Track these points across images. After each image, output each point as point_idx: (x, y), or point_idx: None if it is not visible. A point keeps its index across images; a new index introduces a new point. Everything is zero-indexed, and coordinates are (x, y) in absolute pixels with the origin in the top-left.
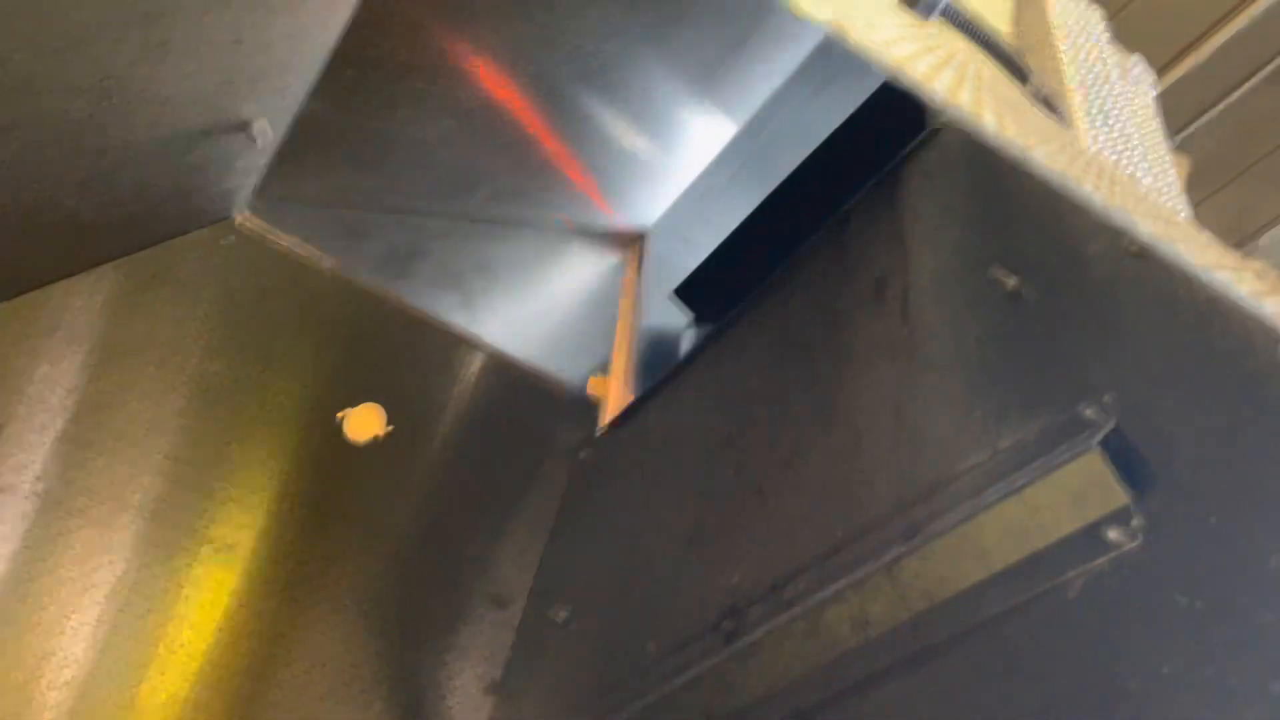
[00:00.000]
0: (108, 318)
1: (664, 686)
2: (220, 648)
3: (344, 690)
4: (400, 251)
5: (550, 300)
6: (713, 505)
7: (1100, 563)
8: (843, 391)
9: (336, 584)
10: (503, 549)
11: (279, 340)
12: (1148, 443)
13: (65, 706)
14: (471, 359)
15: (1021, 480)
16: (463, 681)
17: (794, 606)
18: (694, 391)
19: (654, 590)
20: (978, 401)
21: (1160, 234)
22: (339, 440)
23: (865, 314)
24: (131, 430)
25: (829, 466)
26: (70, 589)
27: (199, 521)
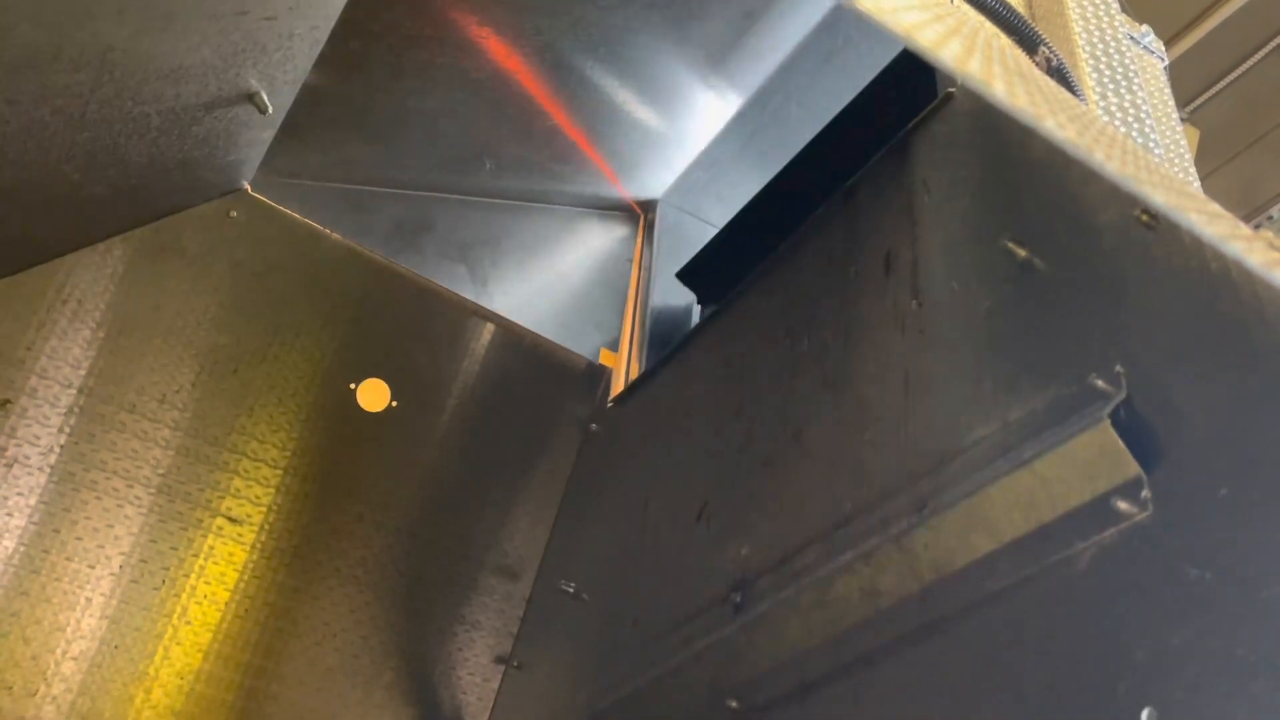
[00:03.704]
0: (116, 291)
1: (673, 658)
2: (231, 620)
3: (354, 662)
4: (407, 225)
5: (559, 272)
6: (722, 477)
7: (1110, 534)
8: (852, 364)
9: (345, 556)
10: (512, 521)
11: (287, 313)
12: (1158, 414)
13: (77, 679)
14: (480, 331)
15: (1031, 452)
16: (473, 652)
17: (803, 578)
18: (703, 364)
19: (663, 562)
20: (987, 373)
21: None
22: (348, 413)
23: (874, 287)
24: (141, 403)
25: (838, 439)
26: (82, 562)
27: (209, 495)
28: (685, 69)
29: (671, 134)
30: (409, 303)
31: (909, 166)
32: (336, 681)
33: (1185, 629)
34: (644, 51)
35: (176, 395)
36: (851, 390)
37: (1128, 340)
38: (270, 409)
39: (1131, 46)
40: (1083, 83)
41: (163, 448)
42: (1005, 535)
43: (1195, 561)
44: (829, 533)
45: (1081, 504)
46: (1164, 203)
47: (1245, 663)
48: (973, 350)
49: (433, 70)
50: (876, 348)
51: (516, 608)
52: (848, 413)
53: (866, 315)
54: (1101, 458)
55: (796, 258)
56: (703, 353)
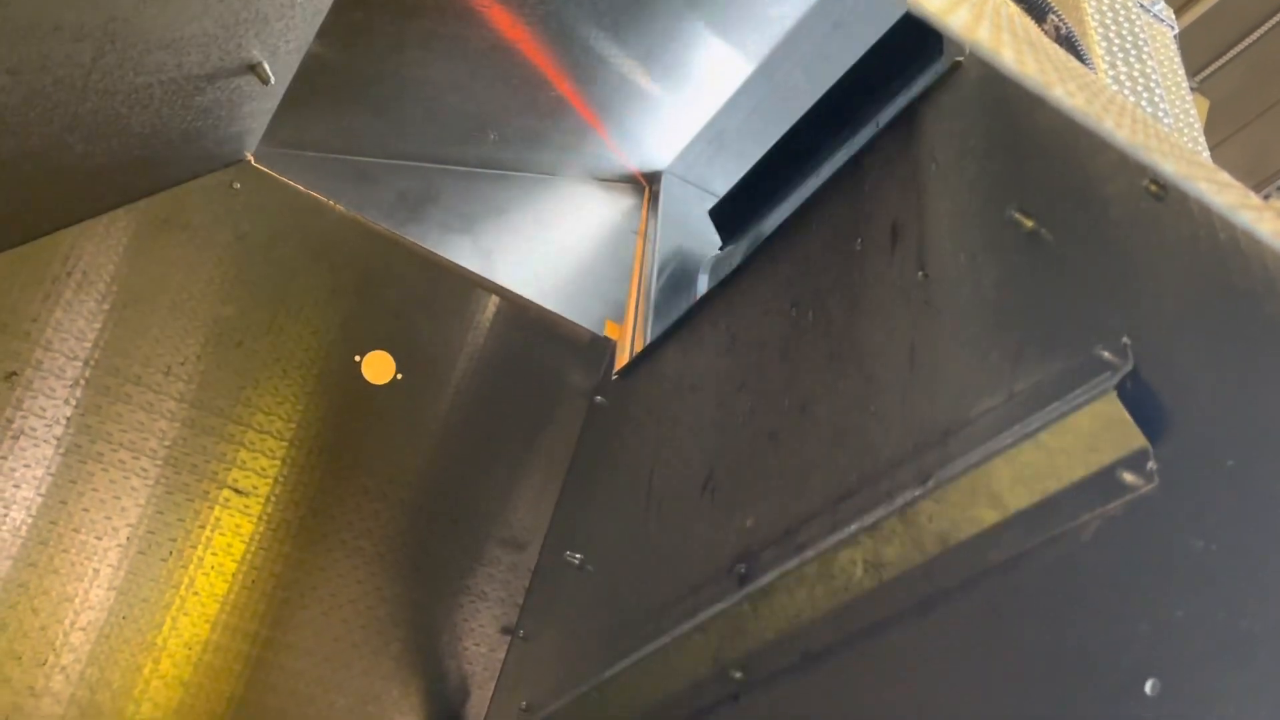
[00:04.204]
0: (120, 263)
1: (677, 628)
2: (237, 591)
3: (360, 632)
4: (411, 196)
5: (563, 245)
6: (726, 450)
7: (1115, 506)
8: (857, 336)
9: (352, 528)
10: (518, 493)
11: (292, 285)
12: (1165, 385)
13: (85, 649)
14: (485, 304)
15: (1037, 423)
16: (479, 623)
17: (807, 550)
18: (708, 336)
19: (668, 534)
20: (993, 345)
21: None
22: (354, 385)
23: (880, 258)
24: (147, 375)
25: (843, 411)
26: (89, 534)
27: (215, 467)
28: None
29: (677, 105)
30: (413, 275)
31: (916, 137)
32: (343, 652)
33: (1190, 601)
34: (649, 22)
35: (182, 367)
36: (856, 362)
37: (1135, 311)
38: (275, 381)
39: (1141, 14)
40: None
41: (168, 420)
42: (1010, 507)
43: (1200, 533)
44: (833, 505)
45: (1087, 476)
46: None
47: (1250, 634)
48: (979, 322)
49: (436, 40)
50: (882, 320)
51: (522, 578)
52: (853, 385)
53: (872, 287)
54: (1107, 429)
55: (802, 229)
56: (708, 325)
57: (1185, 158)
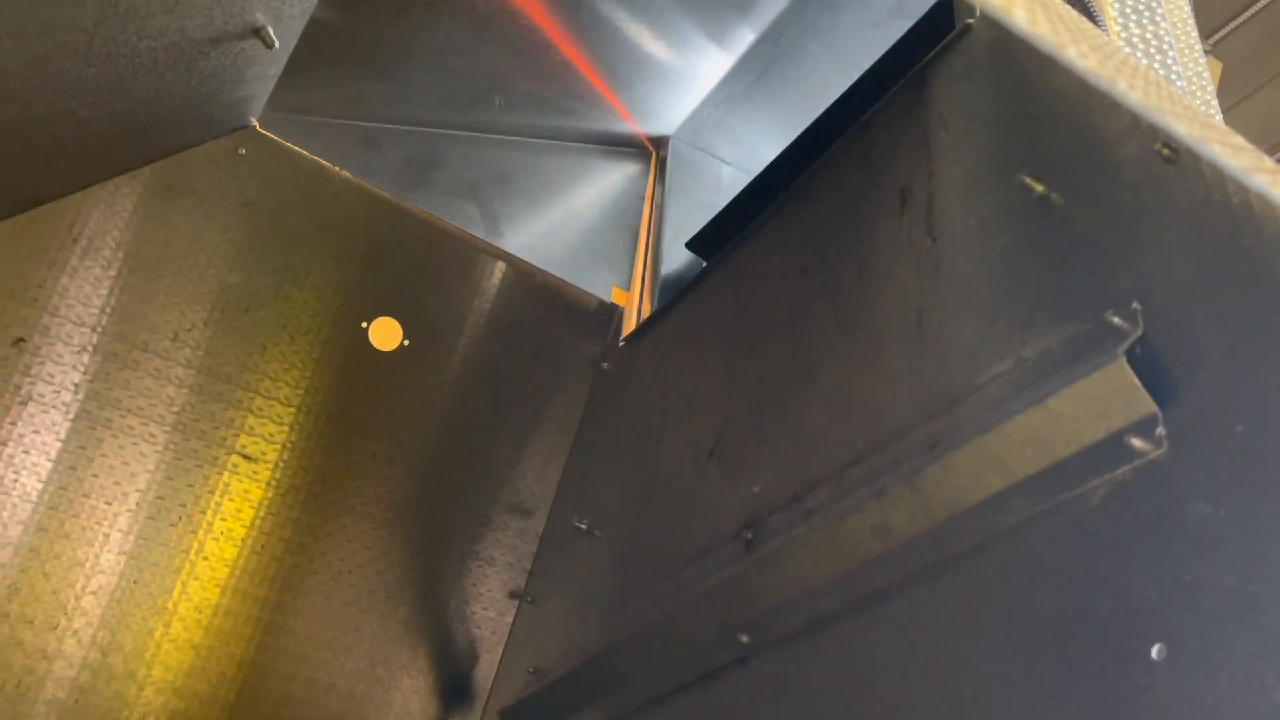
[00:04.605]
0: (125, 229)
1: (684, 593)
2: (247, 556)
3: (369, 596)
4: (416, 162)
5: (570, 210)
6: (734, 416)
7: (1123, 472)
8: (865, 302)
9: (360, 494)
10: (525, 459)
11: (298, 252)
12: (1175, 351)
13: (96, 613)
14: (491, 270)
15: (1045, 389)
16: (487, 588)
17: (814, 516)
18: (715, 303)
19: (675, 499)
20: (1002, 311)
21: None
22: (361, 352)
23: (889, 223)
24: (155, 342)
25: (850, 377)
26: (99, 499)
27: (224, 433)
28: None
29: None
30: (419, 241)
31: (925, 100)
32: (352, 616)
33: (1198, 566)
34: None
35: (189, 334)
36: (864, 328)
37: (1145, 276)
38: (283, 348)
39: None
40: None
41: (176, 386)
42: (1017, 473)
43: (1209, 499)
44: (840, 471)
45: (1095, 441)
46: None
47: (1258, 599)
48: (987, 287)
49: (441, 3)
50: (890, 285)
51: (530, 544)
52: (860, 351)
53: (880, 252)
54: (1116, 395)
55: (810, 195)
56: (715, 291)
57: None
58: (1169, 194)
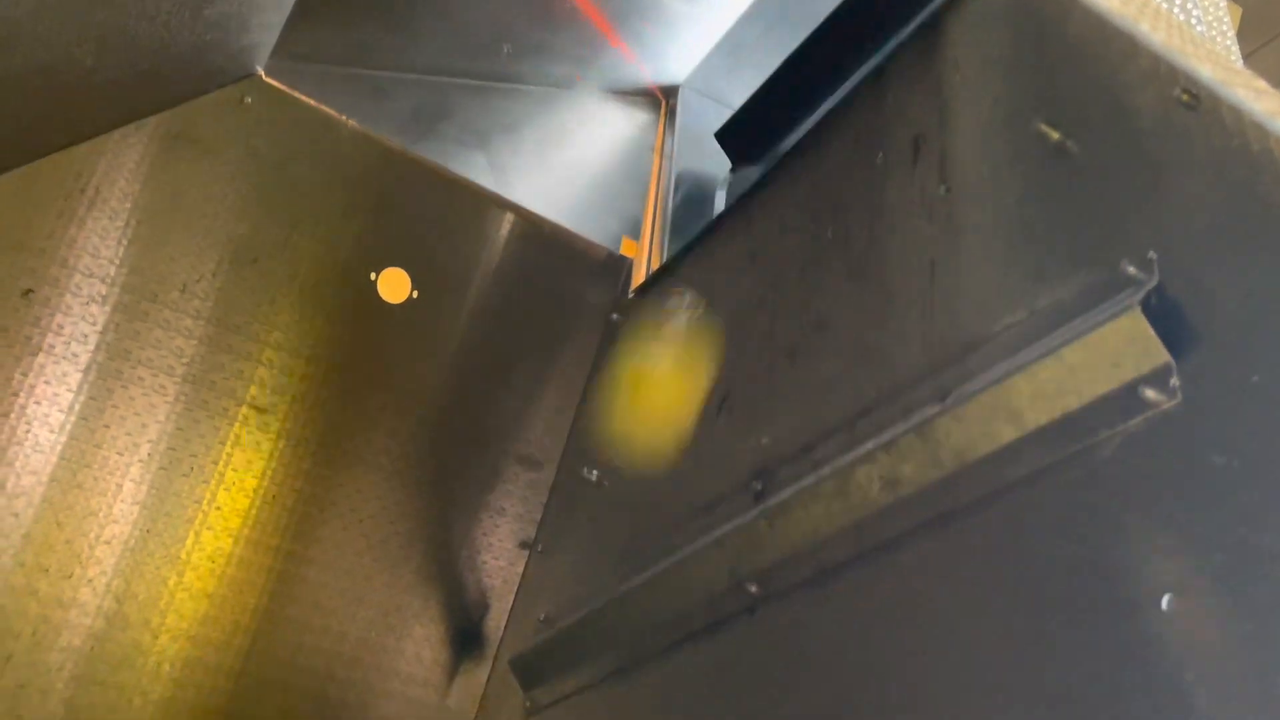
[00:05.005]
0: (132, 179)
1: (693, 544)
2: (259, 507)
3: (381, 546)
4: (424, 111)
5: (579, 160)
6: (744, 367)
7: (1136, 423)
8: (877, 252)
9: (371, 445)
10: (535, 410)
11: (305, 202)
12: (1191, 301)
13: (110, 562)
14: (500, 221)
15: (1059, 340)
16: (498, 537)
17: (824, 467)
18: (725, 254)
19: (684, 451)
20: (1016, 260)
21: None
22: (370, 303)
23: (902, 172)
24: (163, 293)
25: (862, 328)
26: (110, 449)
27: (234, 384)
28: None
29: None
30: (428, 192)
31: (940, 46)
32: (364, 565)
33: (1210, 517)
34: None
35: (198, 285)
36: (876, 279)
37: (1162, 225)
38: (292, 299)
39: None
40: None
41: (185, 337)
42: (1029, 424)
43: (1222, 449)
44: (850, 422)
45: (1109, 392)
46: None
47: (1270, 551)
48: (1001, 237)
49: None
50: (902, 235)
51: (540, 494)
52: (872, 302)
53: (893, 202)
54: (1130, 345)
55: (821, 144)
56: (725, 242)
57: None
58: (1188, 141)
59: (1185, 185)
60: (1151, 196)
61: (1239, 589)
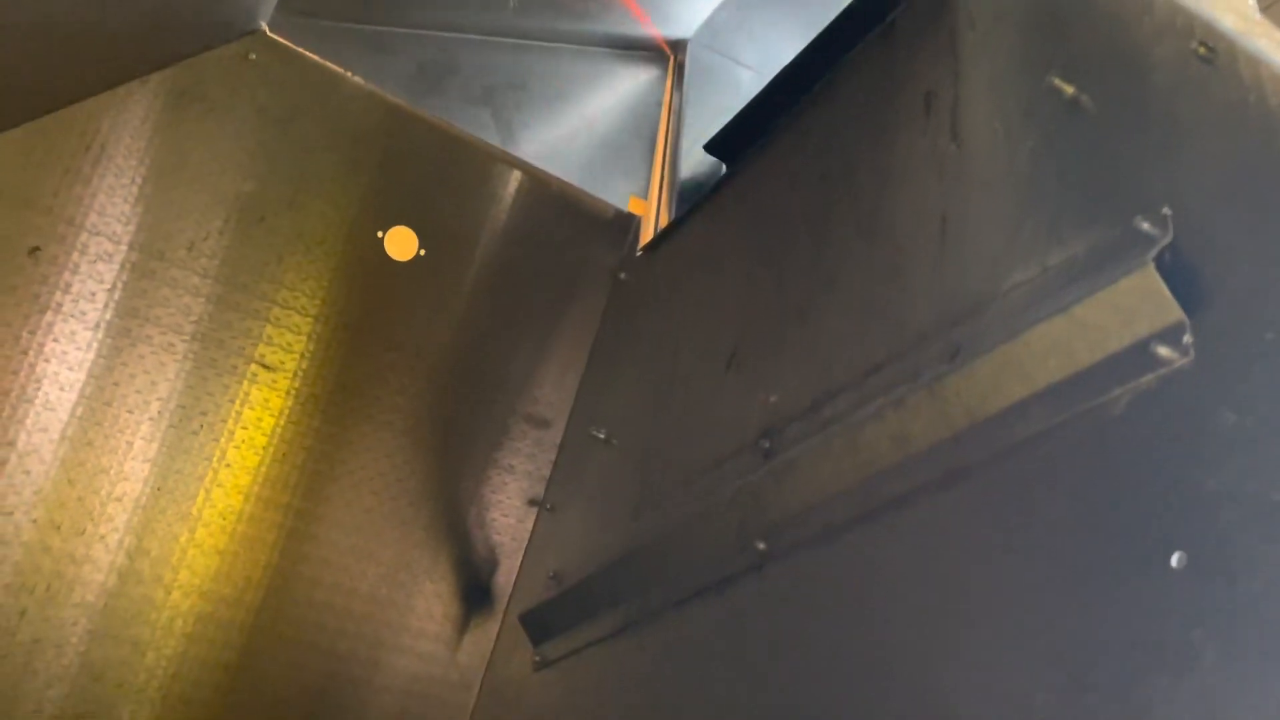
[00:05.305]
0: (138, 136)
1: (702, 501)
2: (269, 464)
3: (391, 503)
4: (430, 68)
5: (586, 117)
6: (751, 325)
7: (1148, 380)
8: (887, 209)
9: (380, 403)
10: (543, 369)
11: (311, 159)
12: (1205, 257)
13: (122, 519)
14: (507, 179)
15: (1070, 297)
16: (507, 495)
17: (833, 425)
18: (734, 211)
19: (692, 409)
20: (1028, 217)
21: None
22: (377, 261)
23: (913, 128)
24: (171, 251)
25: (871, 285)
26: (120, 407)
27: (242, 342)
28: None
29: None
30: (434, 149)
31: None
32: (374, 522)
33: (1221, 474)
34: None
35: (205, 243)
36: (886, 236)
37: (1177, 181)
38: (299, 257)
39: None
40: None
41: (193, 295)
42: (1040, 382)
43: (1234, 406)
44: (859, 380)
45: (1120, 350)
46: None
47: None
48: (1013, 193)
49: None
50: (913, 192)
51: (548, 452)
52: (882, 259)
53: (904, 158)
54: (1143, 303)
55: (832, 100)
56: (734, 200)
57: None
58: (1204, 95)
59: (1201, 140)
60: (1166, 151)
61: (1250, 546)
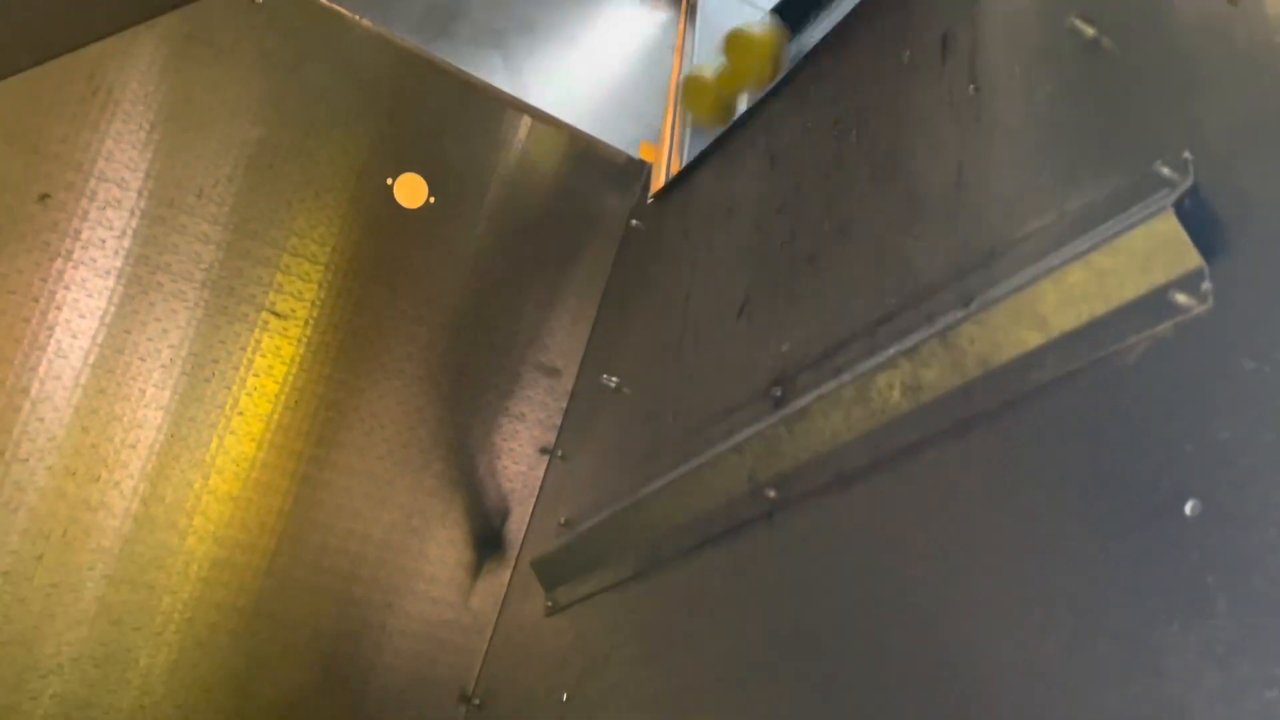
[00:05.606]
0: (144, 81)
1: (712, 449)
2: (281, 412)
3: (403, 451)
4: (438, 10)
5: (597, 61)
6: (763, 273)
7: (1164, 328)
8: (902, 155)
9: (391, 351)
10: (554, 317)
11: (319, 105)
12: (1225, 203)
13: (136, 465)
14: (517, 125)
15: (1087, 244)
16: (518, 443)
17: (844, 373)
18: (747, 157)
19: (704, 358)
20: (1046, 162)
21: None
22: (387, 208)
23: (929, 72)
24: (180, 198)
25: (885, 233)
26: (132, 355)
27: (252, 290)
28: None
29: None
30: (443, 95)
31: None
32: (387, 470)
33: (1237, 422)
34: None
35: (214, 189)
36: (900, 182)
37: (1198, 125)
38: (308, 204)
39: None
40: None
41: (203, 242)
42: (1054, 329)
43: (1252, 354)
44: (872, 328)
45: (1137, 297)
46: None
47: None
48: (1031, 138)
49: None
50: (929, 137)
51: (559, 401)
52: (896, 205)
53: (919, 103)
54: (1162, 249)
55: (847, 43)
56: (746, 146)
57: None
58: (1228, 37)
59: (1224, 82)
60: (1188, 94)
61: (1265, 493)
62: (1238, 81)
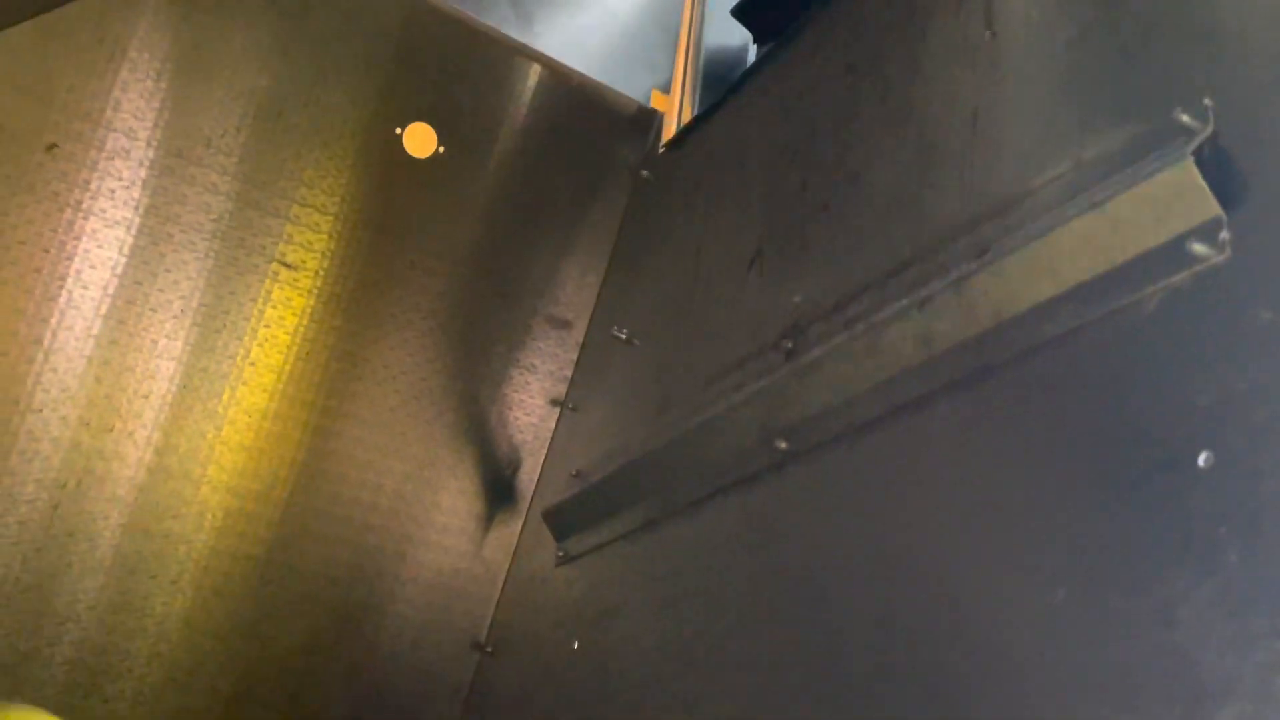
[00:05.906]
0: (150, 29)
1: (723, 401)
2: (293, 363)
3: (414, 403)
4: None
5: (608, 9)
6: (776, 223)
7: (1181, 278)
8: (916, 102)
9: (401, 302)
10: (564, 269)
11: (327, 53)
12: (1245, 151)
13: (149, 416)
14: (526, 73)
15: (1104, 193)
16: (529, 394)
17: (856, 324)
18: (759, 105)
19: (715, 309)
20: (1062, 110)
21: None
22: (396, 158)
23: (944, 16)
24: (188, 148)
25: (898, 181)
26: (143, 306)
27: (263, 240)
28: None
29: None
30: (452, 42)
31: None
32: (398, 420)
33: (1254, 372)
34: None
35: (223, 139)
36: (914, 130)
37: (1220, 70)
38: (317, 154)
39: None
40: None
41: (213, 193)
42: (1069, 280)
43: (1270, 305)
44: (884, 279)
45: (1154, 247)
46: None
47: None
48: (1048, 85)
49: None
50: (944, 84)
51: (570, 352)
52: (909, 154)
53: (935, 48)
54: (1180, 198)
55: None
56: (758, 94)
57: None
58: None
59: (1246, 30)
60: (1210, 39)
61: None
62: (1260, 28)
